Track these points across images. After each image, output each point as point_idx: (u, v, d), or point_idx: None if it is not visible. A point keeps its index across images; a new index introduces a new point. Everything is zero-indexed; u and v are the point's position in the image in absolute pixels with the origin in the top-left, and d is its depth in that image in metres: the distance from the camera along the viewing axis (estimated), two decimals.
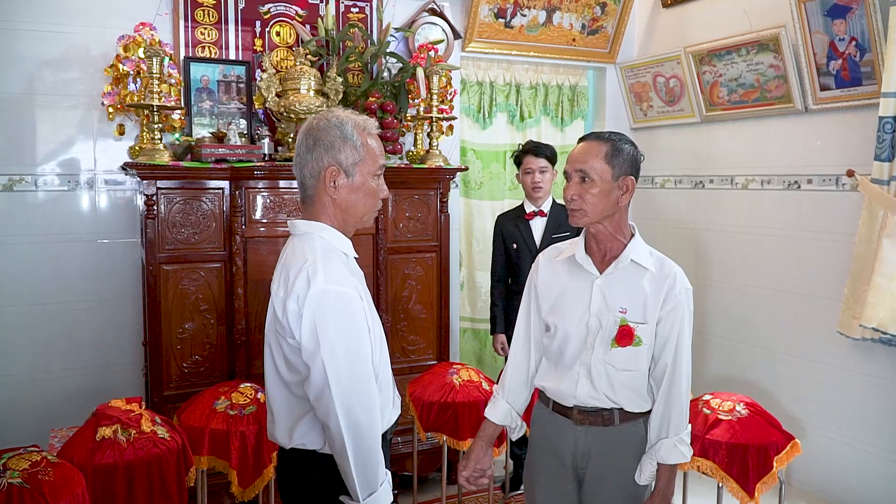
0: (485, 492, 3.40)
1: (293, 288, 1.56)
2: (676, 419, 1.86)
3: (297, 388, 1.63)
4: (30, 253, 3.22)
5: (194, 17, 3.37)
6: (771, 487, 2.42)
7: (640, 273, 1.86)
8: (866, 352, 3.25)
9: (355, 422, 1.56)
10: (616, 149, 1.83)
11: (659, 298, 1.84)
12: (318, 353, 1.54)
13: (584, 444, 1.91)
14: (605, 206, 1.84)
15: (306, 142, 1.68)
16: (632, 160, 1.85)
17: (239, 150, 3.08)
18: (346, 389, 1.55)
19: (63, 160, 3.27)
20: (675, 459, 1.85)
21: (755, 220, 3.85)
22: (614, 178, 1.83)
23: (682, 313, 1.85)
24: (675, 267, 1.88)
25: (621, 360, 1.86)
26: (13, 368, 3.22)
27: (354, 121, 1.69)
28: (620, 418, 1.89)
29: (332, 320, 1.56)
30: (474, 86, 4.33)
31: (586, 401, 1.89)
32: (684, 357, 1.86)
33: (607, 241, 1.89)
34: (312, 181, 1.68)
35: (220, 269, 3.10)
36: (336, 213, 1.69)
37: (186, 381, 3.07)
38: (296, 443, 1.66)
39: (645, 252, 1.89)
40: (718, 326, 4.10)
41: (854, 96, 3.25)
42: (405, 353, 3.50)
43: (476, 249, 4.45)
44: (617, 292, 1.86)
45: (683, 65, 4.04)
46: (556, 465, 1.95)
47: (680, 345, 1.85)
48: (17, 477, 1.81)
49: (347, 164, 1.66)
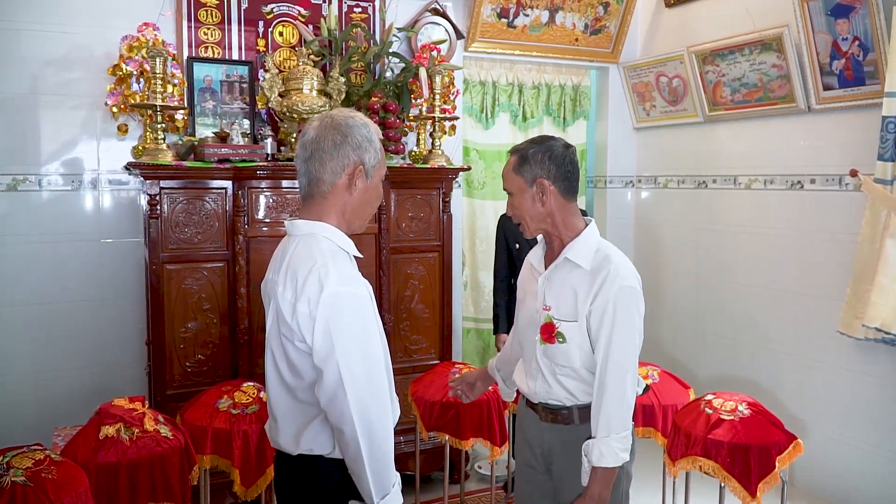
0: (487, 491, 3.40)
1: (304, 290, 1.52)
2: (605, 420, 1.81)
3: (302, 392, 1.61)
4: (34, 252, 3.23)
5: (197, 17, 3.37)
6: (773, 487, 2.41)
7: (574, 271, 1.89)
8: (869, 352, 3.24)
9: (370, 425, 1.54)
10: (522, 158, 1.90)
11: (589, 296, 1.84)
12: (332, 356, 1.51)
13: (548, 442, 1.97)
14: (535, 214, 1.91)
15: (332, 137, 1.62)
16: (542, 161, 1.87)
17: (242, 149, 3.09)
18: (361, 392, 1.53)
19: (67, 160, 3.28)
20: (597, 461, 1.80)
21: (758, 220, 3.84)
22: (528, 184, 1.89)
23: (612, 312, 1.81)
24: (617, 264, 1.85)
25: (556, 356, 1.90)
26: (17, 367, 3.24)
27: (372, 124, 1.70)
28: (580, 418, 1.90)
29: (346, 323, 1.53)
30: (477, 86, 4.34)
31: (546, 397, 1.95)
32: (615, 355, 1.81)
33: (553, 241, 1.97)
34: (332, 178, 1.63)
35: (222, 269, 3.11)
36: (345, 213, 1.67)
37: (189, 381, 3.07)
38: (303, 448, 1.63)
39: (585, 249, 1.89)
40: (721, 326, 4.09)
41: (857, 96, 3.25)
42: (408, 353, 3.51)
43: (479, 249, 4.45)
44: (551, 290, 1.92)
45: (686, 64, 4.03)
46: (530, 455, 2.03)
47: (612, 343, 1.81)
48: (21, 475, 1.81)
49: (370, 165, 1.66)
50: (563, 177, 1.89)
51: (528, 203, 1.90)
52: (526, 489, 2.07)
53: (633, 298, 1.84)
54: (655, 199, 4.56)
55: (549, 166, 1.88)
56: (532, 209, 1.90)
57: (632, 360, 1.85)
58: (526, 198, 1.90)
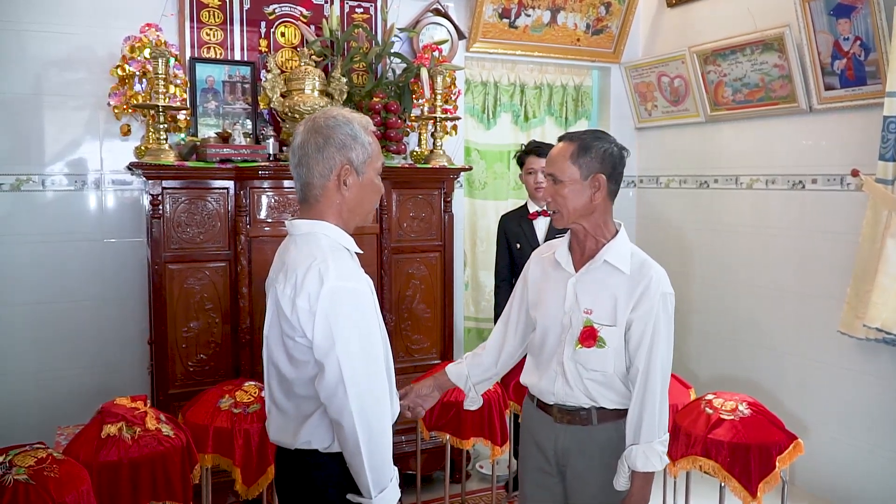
0: (488, 490, 3.40)
1: (303, 285, 1.53)
2: (648, 426, 1.82)
3: (300, 387, 1.62)
4: (37, 252, 3.25)
5: (199, 17, 3.39)
6: (773, 487, 2.41)
7: (613, 274, 1.86)
8: (870, 352, 3.24)
9: (368, 419, 1.55)
10: (583, 148, 1.85)
11: (630, 301, 1.83)
12: (332, 351, 1.52)
13: (564, 443, 1.93)
14: (579, 206, 1.86)
15: (314, 141, 1.63)
16: (603, 157, 1.85)
17: (243, 150, 3.10)
18: (361, 387, 1.54)
19: (70, 160, 3.30)
20: (643, 467, 1.81)
21: (759, 219, 3.84)
22: (583, 177, 1.85)
23: (655, 318, 1.81)
24: (656, 270, 1.85)
25: (589, 360, 1.86)
26: (20, 366, 3.25)
27: (358, 119, 1.69)
28: (599, 418, 1.89)
29: (347, 317, 1.54)
30: (478, 86, 4.34)
31: (564, 399, 1.91)
32: (658, 362, 1.82)
33: (586, 240, 1.91)
34: (321, 181, 1.64)
35: (224, 269, 3.12)
36: (342, 212, 1.68)
37: (191, 380, 3.08)
38: (301, 442, 1.64)
39: (623, 253, 1.87)
40: (721, 326, 4.09)
41: (859, 96, 3.25)
42: (409, 353, 3.51)
43: (480, 249, 4.45)
44: (588, 292, 1.88)
45: (688, 64, 4.03)
46: (540, 459, 1.99)
47: (654, 350, 1.82)
48: (23, 474, 1.83)
49: (358, 162, 1.66)
50: (616, 178, 1.89)
51: (575, 194, 1.85)
52: (536, 494, 2.03)
53: (671, 305, 1.86)
54: (657, 199, 4.56)
55: (608, 164, 1.86)
56: (578, 202, 1.85)
57: (669, 366, 1.86)
58: (575, 189, 1.85)
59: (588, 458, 1.90)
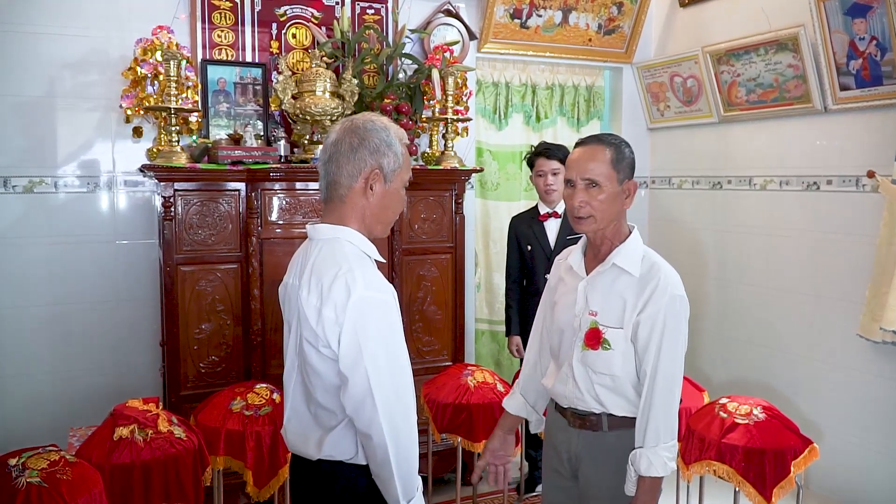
0: (499, 493, 3.39)
1: (330, 295, 1.51)
2: (654, 430, 1.78)
3: (323, 397, 1.59)
4: (49, 254, 3.26)
5: (211, 19, 3.39)
6: (788, 492, 2.39)
7: (622, 277, 1.84)
8: (887, 355, 3.20)
9: (398, 431, 1.53)
10: (620, 153, 1.85)
11: (638, 303, 1.80)
12: (360, 362, 1.50)
13: (577, 447, 1.93)
14: (612, 212, 1.84)
15: (349, 140, 1.62)
16: (631, 163, 1.87)
17: (255, 152, 3.10)
18: (389, 399, 1.52)
19: (83, 162, 3.31)
20: (647, 471, 1.78)
21: (774, 221, 3.81)
22: (619, 182, 1.84)
23: (662, 320, 1.78)
24: (665, 272, 1.82)
25: (595, 362, 1.85)
26: (32, 368, 3.27)
27: (395, 129, 1.68)
28: (609, 425, 1.88)
29: (374, 329, 1.52)
30: (490, 87, 4.33)
31: (575, 402, 1.91)
32: (665, 366, 1.79)
33: (602, 244, 1.90)
34: (349, 181, 1.62)
35: (236, 271, 3.13)
36: (365, 218, 1.65)
37: (203, 382, 3.09)
38: (325, 454, 1.62)
39: (633, 255, 1.85)
40: (736, 328, 4.06)
41: (875, 96, 3.21)
42: (420, 355, 3.51)
43: (493, 251, 4.44)
44: (597, 295, 1.87)
45: (701, 64, 4.01)
46: (557, 460, 2.00)
47: (661, 353, 1.79)
48: (36, 476, 1.84)
49: (388, 169, 1.64)
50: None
51: (612, 200, 1.83)
52: (554, 495, 2.04)
53: (682, 308, 1.82)
54: (670, 199, 4.53)
55: (633, 169, 1.88)
56: (611, 209, 1.83)
57: (679, 370, 1.83)
58: (613, 195, 1.82)
59: (599, 463, 1.89)
